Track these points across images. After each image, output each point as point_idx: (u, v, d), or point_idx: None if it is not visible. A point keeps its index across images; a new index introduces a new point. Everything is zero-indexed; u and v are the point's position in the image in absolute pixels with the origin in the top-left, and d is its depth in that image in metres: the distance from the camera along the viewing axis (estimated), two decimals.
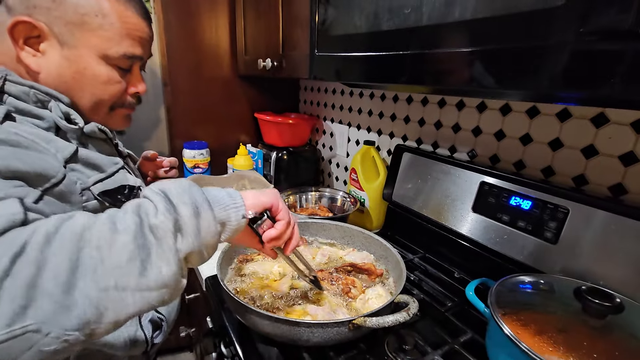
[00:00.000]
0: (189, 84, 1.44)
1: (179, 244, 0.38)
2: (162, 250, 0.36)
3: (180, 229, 0.38)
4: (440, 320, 0.68)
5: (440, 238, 0.89)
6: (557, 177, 0.72)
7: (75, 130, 0.53)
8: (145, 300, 0.36)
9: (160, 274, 0.36)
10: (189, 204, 0.39)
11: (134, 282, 0.35)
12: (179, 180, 0.43)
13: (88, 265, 0.33)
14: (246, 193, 0.48)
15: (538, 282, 0.58)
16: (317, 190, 1.23)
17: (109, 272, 0.34)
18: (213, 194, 0.44)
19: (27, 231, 0.34)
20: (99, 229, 0.35)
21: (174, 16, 1.34)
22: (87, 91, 0.56)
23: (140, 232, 0.36)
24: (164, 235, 0.37)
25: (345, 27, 0.66)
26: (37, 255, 0.32)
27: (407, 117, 1.07)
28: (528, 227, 0.70)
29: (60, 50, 0.52)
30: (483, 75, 0.44)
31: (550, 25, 0.37)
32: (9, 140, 0.43)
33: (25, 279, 0.31)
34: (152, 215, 0.37)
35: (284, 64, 1.06)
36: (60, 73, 0.53)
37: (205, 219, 0.40)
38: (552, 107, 0.71)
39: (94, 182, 0.54)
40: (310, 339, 0.55)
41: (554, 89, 0.38)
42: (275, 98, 1.63)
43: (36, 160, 0.44)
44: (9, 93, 0.49)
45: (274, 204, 0.51)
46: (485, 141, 0.85)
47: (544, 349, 0.44)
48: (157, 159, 0.87)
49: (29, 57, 0.51)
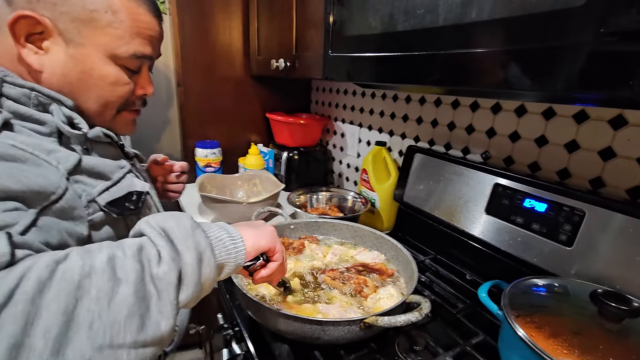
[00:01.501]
0: (202, 84, 1.46)
1: (180, 295, 0.36)
2: (163, 303, 0.35)
3: (182, 279, 0.37)
4: (452, 322, 0.68)
5: (452, 240, 0.89)
6: (573, 179, 0.71)
7: (78, 136, 0.49)
8: (139, 356, 0.33)
9: (159, 330, 0.34)
10: (192, 249, 0.38)
11: (130, 340, 0.32)
12: (179, 217, 0.41)
13: (84, 319, 0.30)
14: (246, 232, 0.47)
15: (552, 285, 0.57)
16: (327, 190, 1.24)
17: (106, 328, 0.31)
18: (215, 236, 0.42)
19: (15, 276, 0.29)
20: (98, 277, 0.32)
21: (188, 17, 1.36)
22: (94, 92, 0.52)
23: (141, 282, 0.34)
24: (166, 288, 0.35)
25: (359, 28, 0.67)
26: (26, 307, 0.28)
27: (419, 118, 1.07)
28: (542, 229, 0.69)
29: (66, 48, 0.48)
30: (500, 76, 0.44)
31: (569, 25, 0.37)
32: (5, 155, 0.39)
33: (10, 338, 0.27)
34: (154, 264, 0.35)
35: (296, 65, 1.07)
36: (64, 73, 0.49)
37: (207, 266, 0.39)
38: (568, 108, 0.71)
39: (100, 192, 0.50)
40: (322, 336, 0.55)
41: (571, 90, 0.38)
42: (286, 98, 1.65)
43: (33, 176, 0.40)
44: (8, 96, 0.45)
45: (272, 247, 0.50)
46: (499, 143, 0.85)
47: (559, 351, 0.43)
48: (167, 162, 0.85)
49: (31, 55, 0.47)
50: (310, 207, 1.21)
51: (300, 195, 1.20)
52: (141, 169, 0.70)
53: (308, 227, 0.90)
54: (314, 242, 0.86)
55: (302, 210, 1.06)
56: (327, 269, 0.75)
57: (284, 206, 1.24)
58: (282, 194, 1.18)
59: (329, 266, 0.78)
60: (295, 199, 1.16)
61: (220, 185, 1.27)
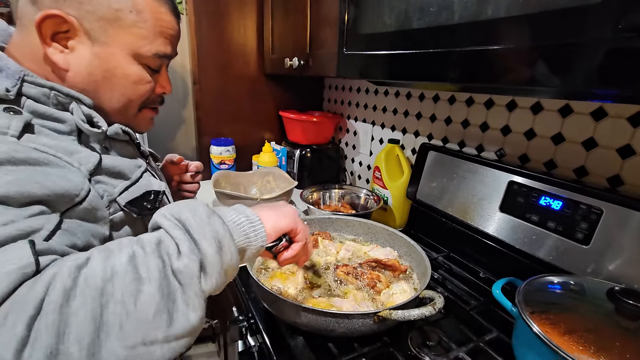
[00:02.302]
0: (217, 82, 1.49)
1: (204, 285, 0.36)
2: (188, 296, 0.35)
3: (204, 269, 0.37)
4: (465, 319, 0.68)
5: (466, 237, 0.89)
6: (590, 177, 0.71)
7: (98, 134, 0.50)
8: (173, 349, 0.34)
9: (188, 321, 0.35)
10: (211, 238, 0.37)
11: (162, 335, 0.33)
12: (194, 206, 0.40)
13: (113, 323, 0.31)
14: (265, 214, 0.46)
15: (568, 283, 0.57)
16: (340, 187, 1.25)
17: (136, 328, 0.31)
18: (232, 220, 0.42)
19: (41, 286, 0.30)
20: (121, 279, 0.32)
21: (204, 17, 1.39)
22: (117, 91, 0.53)
23: (164, 279, 0.34)
24: (190, 281, 0.35)
25: (374, 26, 0.67)
26: (57, 318, 0.29)
27: (433, 115, 1.07)
28: (558, 227, 0.68)
29: (91, 47, 0.49)
30: (517, 73, 0.44)
31: (587, 22, 0.37)
32: (28, 159, 0.39)
33: (46, 348, 0.28)
34: (174, 258, 0.35)
35: (310, 63, 1.08)
36: (90, 72, 0.50)
37: (227, 252, 0.38)
38: (586, 105, 0.70)
39: (120, 192, 0.50)
40: (336, 329, 0.56)
41: (590, 86, 0.38)
42: (299, 97, 1.66)
43: (57, 179, 0.40)
44: (28, 95, 0.45)
45: (293, 228, 0.50)
46: (514, 140, 0.84)
47: (574, 348, 0.43)
48: (183, 162, 0.86)
49: (56, 54, 0.47)
50: (323, 204, 1.22)
51: (313, 193, 1.21)
52: (156, 168, 0.70)
53: (321, 223, 0.91)
54: (327, 238, 0.87)
55: (315, 207, 1.08)
56: (341, 265, 0.76)
57: (297, 203, 1.25)
58: (294, 191, 1.20)
59: (342, 262, 0.79)
60: (309, 196, 1.18)
61: (234, 182, 1.29)
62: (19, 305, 0.28)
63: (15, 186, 0.36)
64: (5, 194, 0.35)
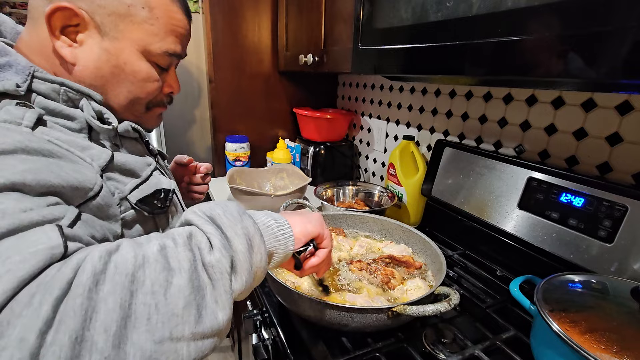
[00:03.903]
0: (232, 80, 1.51)
1: (234, 284, 0.35)
2: (218, 293, 0.34)
3: (235, 267, 0.35)
4: (481, 317, 0.67)
5: (482, 235, 0.87)
6: (614, 173, 0.68)
7: (108, 131, 0.49)
8: (199, 349, 0.32)
9: (216, 320, 0.33)
10: (242, 235, 0.37)
11: (189, 332, 0.31)
12: (226, 204, 0.40)
13: (141, 313, 0.29)
14: (293, 219, 0.46)
15: (589, 281, 0.55)
16: (354, 184, 1.24)
17: (165, 321, 0.30)
18: (262, 222, 0.41)
19: (69, 268, 0.29)
20: (152, 268, 0.31)
21: (220, 16, 1.40)
22: (125, 88, 0.52)
23: (194, 271, 0.33)
24: (220, 277, 0.34)
25: (390, 20, 0.67)
26: (84, 302, 0.28)
27: (449, 111, 1.05)
28: (580, 225, 0.66)
29: (100, 41, 0.48)
30: (539, 64, 0.43)
31: (613, 10, 0.35)
32: (43, 150, 0.38)
33: (71, 332, 0.26)
34: (206, 252, 0.34)
35: (325, 59, 1.08)
36: (98, 66, 0.49)
37: (257, 253, 0.38)
38: (610, 99, 0.67)
39: (131, 190, 0.50)
40: (349, 323, 0.56)
41: (616, 76, 0.37)
42: (313, 94, 1.66)
43: (71, 172, 0.39)
44: (38, 92, 0.44)
45: (320, 233, 0.49)
46: (534, 136, 0.82)
47: (595, 347, 0.42)
48: (192, 163, 0.85)
49: (65, 48, 0.46)
50: (337, 200, 1.22)
51: (327, 189, 1.21)
52: (165, 167, 0.69)
53: (335, 219, 0.91)
54: (340, 234, 0.87)
55: (329, 204, 1.08)
56: (355, 260, 0.76)
57: (311, 200, 1.26)
58: (308, 188, 1.20)
59: (356, 258, 0.79)
60: (322, 193, 1.18)
61: (248, 178, 1.31)
62: (46, 286, 0.27)
63: (31, 174, 0.34)
64: (22, 181, 0.33)
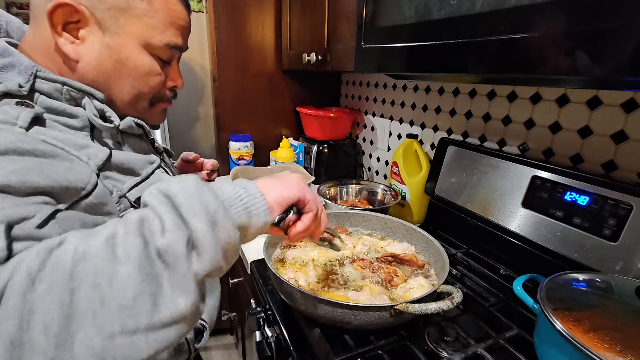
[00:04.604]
0: (236, 79, 1.51)
1: (196, 266, 0.33)
2: (176, 279, 0.31)
3: (194, 247, 0.33)
4: (484, 315, 0.67)
5: (486, 233, 0.87)
6: (619, 172, 0.68)
7: (110, 129, 0.50)
8: (162, 339, 0.31)
9: (176, 307, 0.31)
10: (201, 213, 0.33)
11: (144, 322, 0.30)
12: (183, 179, 0.37)
13: (85, 309, 0.28)
14: (266, 185, 0.42)
15: (594, 280, 0.55)
16: (357, 183, 1.24)
17: (112, 315, 0.28)
18: (227, 193, 0.38)
19: (7, 270, 0.28)
20: (94, 260, 0.30)
21: (224, 15, 1.41)
22: (128, 83, 0.52)
23: (146, 258, 0.31)
24: (176, 261, 0.31)
25: (393, 18, 0.67)
26: (18, 304, 0.27)
27: (452, 109, 1.05)
28: (584, 223, 0.66)
29: (102, 37, 0.48)
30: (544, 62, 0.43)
31: (619, 6, 0.35)
32: (35, 151, 0.38)
33: (6, 337, 0.26)
34: (158, 235, 0.32)
35: (328, 58, 1.08)
36: (100, 63, 0.49)
37: (223, 229, 0.34)
38: (616, 97, 0.67)
39: (129, 188, 0.49)
40: (352, 321, 0.56)
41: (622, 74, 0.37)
42: (317, 92, 1.66)
43: (62, 172, 0.39)
44: (41, 91, 0.45)
45: (300, 197, 0.45)
46: (538, 134, 0.81)
47: (599, 346, 0.42)
48: (198, 160, 0.85)
49: (67, 45, 0.47)
50: (340, 199, 1.22)
51: (331, 188, 1.21)
52: (170, 164, 0.69)
53: (338, 218, 0.92)
54: (344, 232, 0.87)
55: (332, 202, 1.08)
56: (357, 259, 0.76)
57: None
58: (312, 187, 1.21)
59: (359, 256, 0.79)
60: (326, 191, 1.18)
61: (252, 177, 1.30)
62: None
63: (17, 175, 0.35)
64: (7, 183, 0.34)
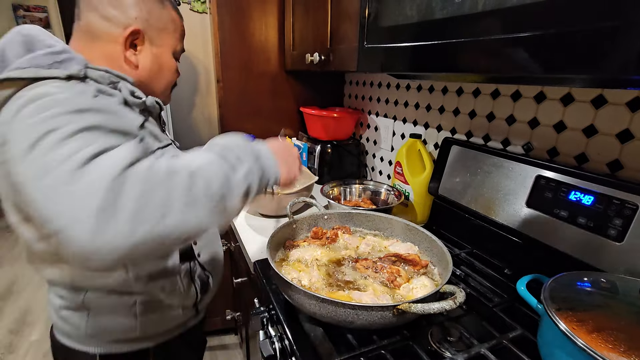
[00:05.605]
0: (240, 80, 1.52)
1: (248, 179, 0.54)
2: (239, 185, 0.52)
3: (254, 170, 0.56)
4: (488, 316, 0.67)
5: (490, 233, 0.86)
6: (625, 171, 0.67)
7: (139, 104, 0.65)
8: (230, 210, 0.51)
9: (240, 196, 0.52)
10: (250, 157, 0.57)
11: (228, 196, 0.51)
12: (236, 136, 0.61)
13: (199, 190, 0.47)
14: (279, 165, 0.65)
15: (598, 281, 0.55)
16: (361, 183, 1.24)
17: (216, 189, 0.49)
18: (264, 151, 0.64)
19: (147, 161, 0.46)
20: (209, 167, 0.49)
21: (227, 16, 1.42)
22: (165, 79, 0.74)
23: (224, 177, 0.50)
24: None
25: (395, 18, 0.67)
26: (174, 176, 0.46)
27: (456, 109, 1.04)
28: (589, 223, 0.65)
29: (151, 49, 0.69)
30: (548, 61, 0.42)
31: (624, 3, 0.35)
32: (104, 109, 0.53)
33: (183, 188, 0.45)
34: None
35: (331, 58, 1.08)
36: (150, 67, 0.69)
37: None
38: (621, 96, 0.66)
39: (155, 150, 0.65)
40: (355, 321, 0.57)
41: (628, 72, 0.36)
42: (320, 93, 1.67)
43: (122, 123, 0.55)
44: (91, 77, 0.59)
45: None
46: (543, 133, 0.81)
47: (602, 346, 0.42)
48: None
49: (132, 56, 0.66)
50: (343, 199, 1.22)
51: (334, 188, 1.21)
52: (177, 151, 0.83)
53: (341, 217, 0.92)
54: (347, 232, 0.87)
55: (335, 202, 1.08)
56: (360, 259, 0.76)
57: (318, 198, 1.26)
58: (315, 186, 1.21)
59: (362, 256, 0.79)
60: (329, 191, 1.18)
61: None
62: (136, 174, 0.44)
63: (103, 120, 0.50)
64: (99, 124, 0.49)
